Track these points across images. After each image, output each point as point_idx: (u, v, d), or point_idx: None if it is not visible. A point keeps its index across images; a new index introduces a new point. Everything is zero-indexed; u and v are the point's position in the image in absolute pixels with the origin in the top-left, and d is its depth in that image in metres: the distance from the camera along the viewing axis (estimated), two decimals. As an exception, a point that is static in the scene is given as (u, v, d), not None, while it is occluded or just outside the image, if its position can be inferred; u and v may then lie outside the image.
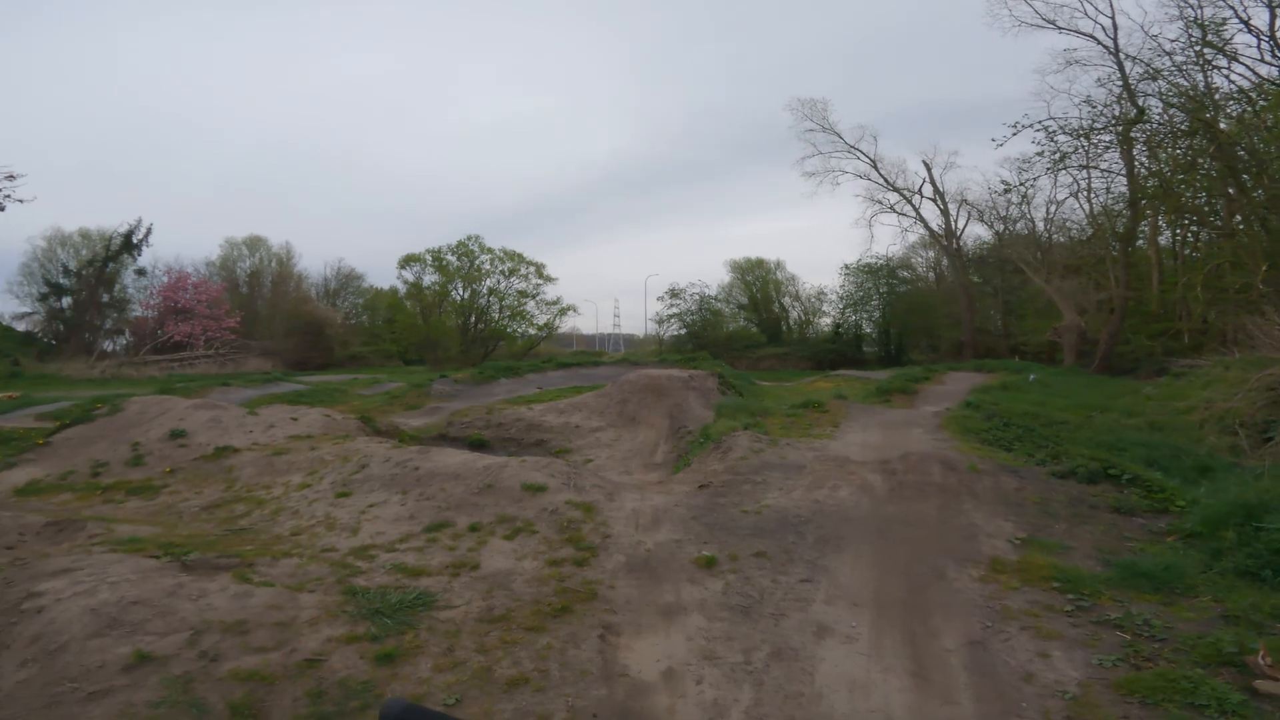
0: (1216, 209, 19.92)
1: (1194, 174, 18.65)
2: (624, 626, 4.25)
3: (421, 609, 4.31)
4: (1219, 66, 18.06)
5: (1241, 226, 18.87)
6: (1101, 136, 20.31)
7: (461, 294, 39.25)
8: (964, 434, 8.97)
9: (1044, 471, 6.96)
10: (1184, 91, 18.55)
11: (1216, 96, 18.18)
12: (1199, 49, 17.71)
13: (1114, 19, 21.44)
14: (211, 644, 3.71)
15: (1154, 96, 19.44)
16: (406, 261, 39.21)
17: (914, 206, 35.21)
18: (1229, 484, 6.16)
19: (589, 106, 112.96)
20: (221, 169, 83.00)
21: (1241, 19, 17.16)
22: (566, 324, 43.92)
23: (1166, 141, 19.67)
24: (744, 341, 38.48)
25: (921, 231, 36.65)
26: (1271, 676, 3.39)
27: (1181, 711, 3.18)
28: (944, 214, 34.78)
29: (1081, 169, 23.92)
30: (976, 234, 37.11)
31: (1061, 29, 22.58)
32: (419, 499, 6.44)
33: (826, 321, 40.92)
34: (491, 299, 39.84)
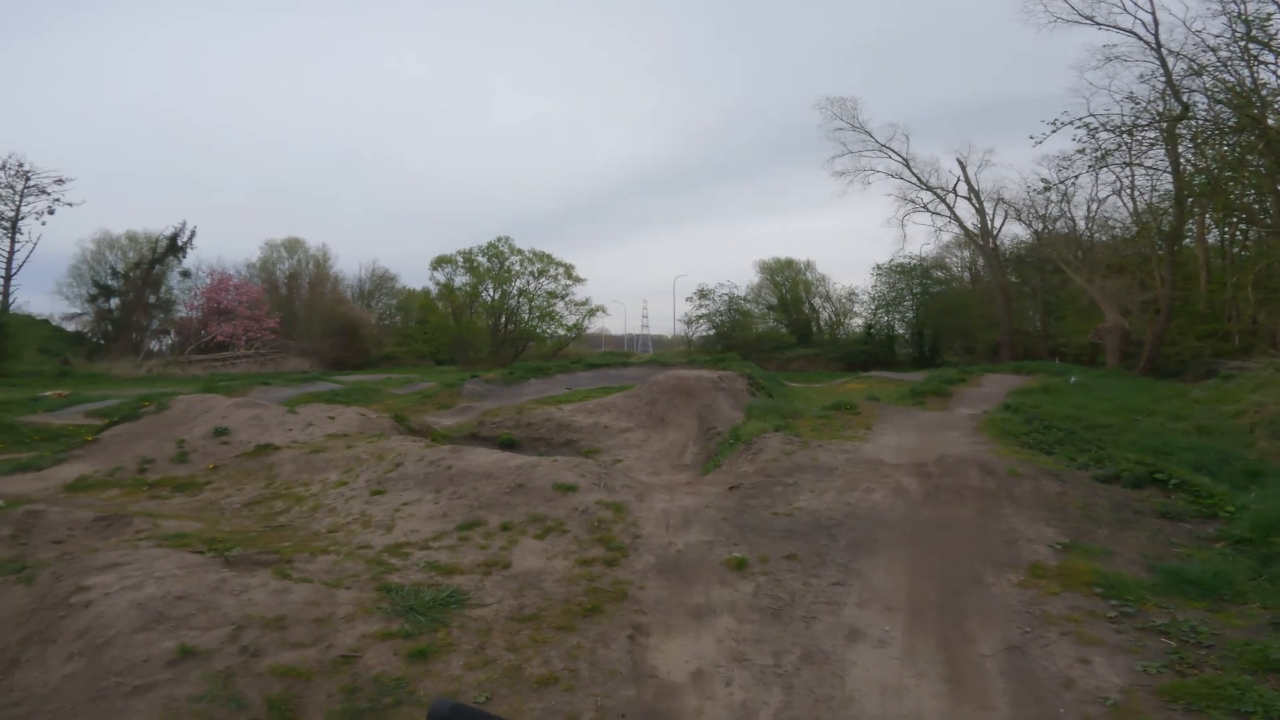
0: (1267, 206, 19.18)
1: (1243, 171, 18.02)
2: (653, 627, 4.25)
3: (454, 607, 4.36)
4: (1265, 62, 17.47)
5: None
6: (1146, 133, 19.73)
7: (492, 295, 39.75)
8: (1002, 437, 8.77)
9: (1087, 476, 6.76)
10: (1230, 87, 17.95)
11: (1264, 92, 17.55)
12: (1244, 44, 17.12)
13: (1154, 14, 20.85)
14: (252, 639, 3.79)
15: (1199, 92, 18.87)
16: (438, 263, 39.88)
17: (948, 205, 34.61)
18: (1280, 490, 5.94)
19: (618, 108, 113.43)
20: (261, 171, 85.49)
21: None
22: (595, 325, 44.24)
23: (1213, 138, 19.04)
24: (773, 342, 38.20)
25: (956, 231, 36.06)
26: None
27: (1227, 718, 3.11)
28: (979, 213, 34.10)
29: (1125, 166, 23.29)
30: (1014, 233, 36.26)
31: (1100, 25, 22.00)
32: (452, 497, 6.53)
33: (858, 322, 40.48)
34: (521, 300, 40.26)
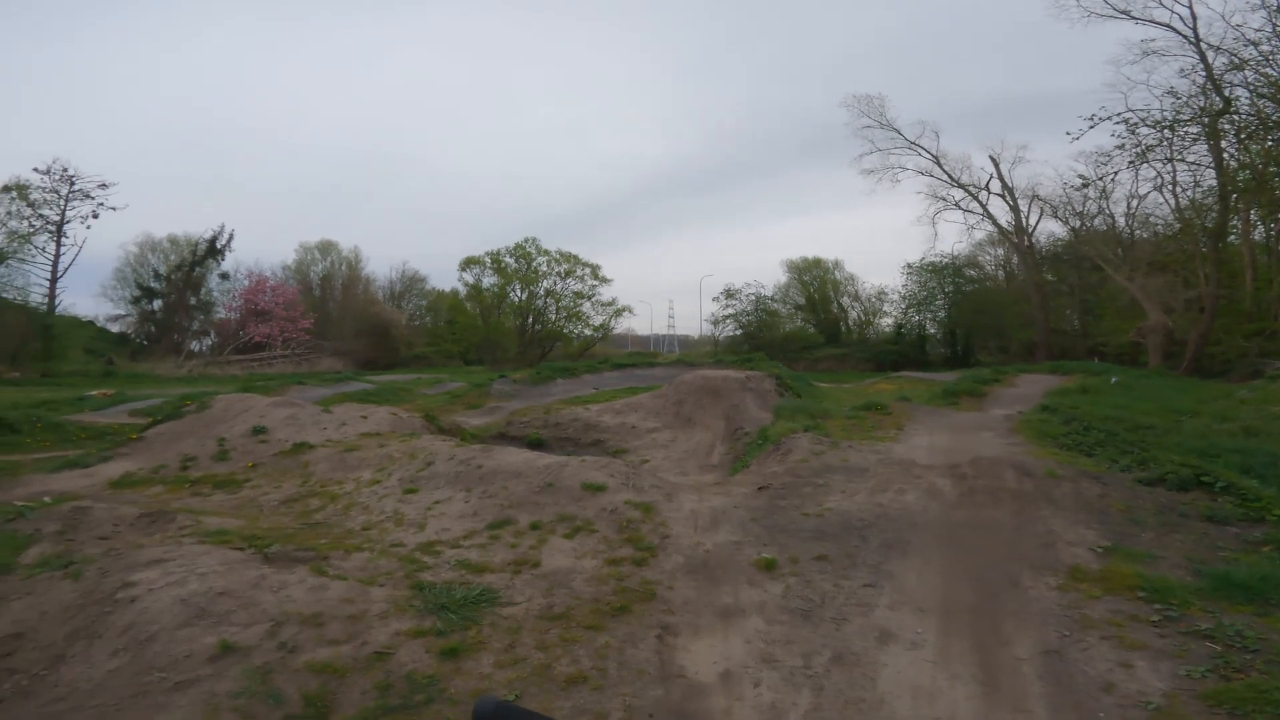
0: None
1: (1288, 167, 17.37)
2: (682, 627, 4.25)
3: (485, 605, 4.41)
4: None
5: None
6: (1188, 129, 19.11)
7: (519, 295, 40.09)
8: (1040, 438, 8.56)
9: (1129, 478, 6.58)
10: (1273, 81, 17.32)
11: None
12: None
13: (1192, 8, 20.23)
14: (290, 635, 3.86)
15: (1241, 87, 18.25)
16: (467, 264, 40.35)
17: (980, 203, 33.94)
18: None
19: (645, 108, 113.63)
20: (295, 174, 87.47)
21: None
22: (621, 325, 44.38)
23: (1257, 133, 18.37)
24: (801, 342, 37.89)
25: (989, 229, 35.35)
26: None
27: (1271, 723, 3.04)
28: (1014, 210, 33.36)
29: (1166, 162, 22.60)
30: (1050, 230, 35.35)
31: (1136, 19, 21.39)
32: (482, 496, 6.60)
33: (888, 322, 39.96)
34: (548, 300, 40.53)
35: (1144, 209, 30.52)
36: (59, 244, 33.15)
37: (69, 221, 33.27)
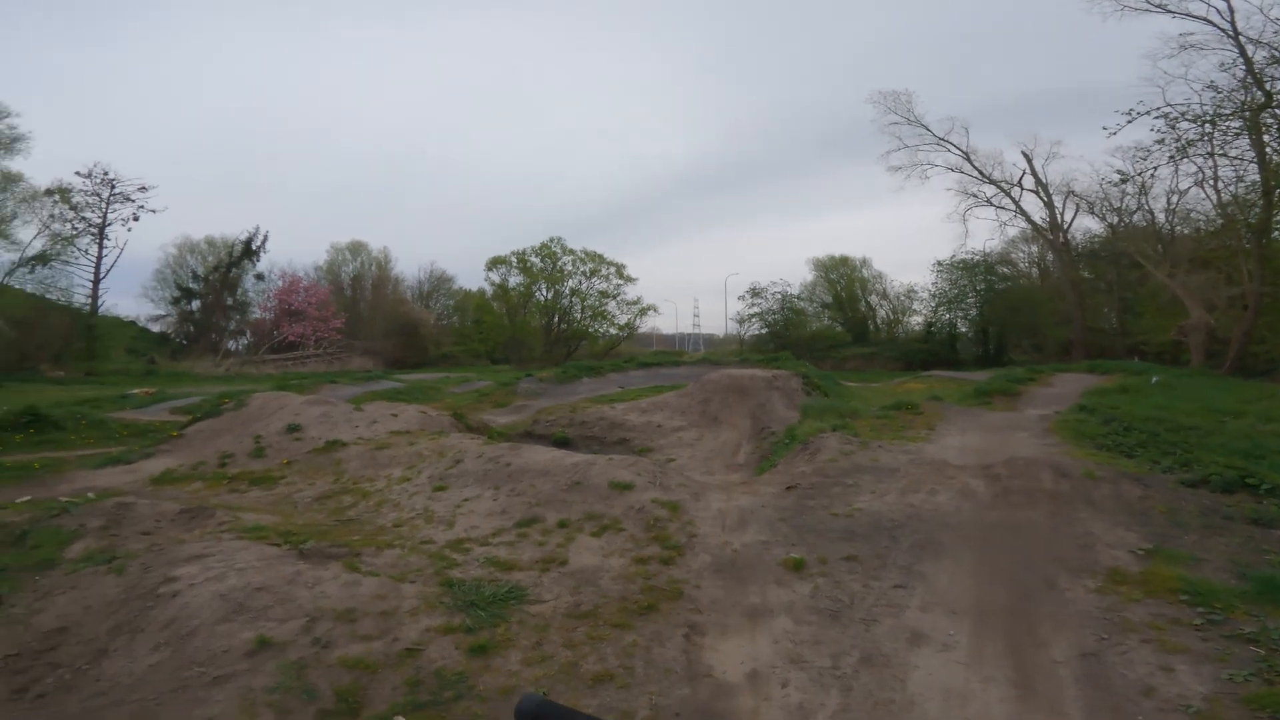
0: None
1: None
2: (709, 627, 4.24)
3: (513, 603, 4.44)
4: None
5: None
6: (1229, 123, 18.50)
7: (545, 295, 40.33)
8: (1077, 439, 8.35)
9: (1171, 480, 6.40)
10: (1317, 75, 16.69)
11: None
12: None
13: (1229, 1, 19.57)
14: (324, 631, 3.92)
15: (1283, 80, 17.59)
16: (493, 264, 40.70)
17: (1013, 199, 33.22)
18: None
19: (670, 107, 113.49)
20: (325, 176, 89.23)
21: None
22: (646, 324, 44.37)
23: (1302, 127, 17.71)
24: (828, 341, 37.49)
25: (1023, 225, 34.55)
26: None
27: (1316, 726, 2.96)
28: (1048, 206, 32.61)
29: (1207, 157, 21.90)
30: (1086, 227, 34.42)
31: (1173, 13, 20.79)
32: (510, 494, 6.65)
33: (917, 320, 39.27)
34: (573, 299, 40.72)
35: (1185, 204, 29.54)
36: (101, 246, 34.28)
37: (110, 224, 34.41)
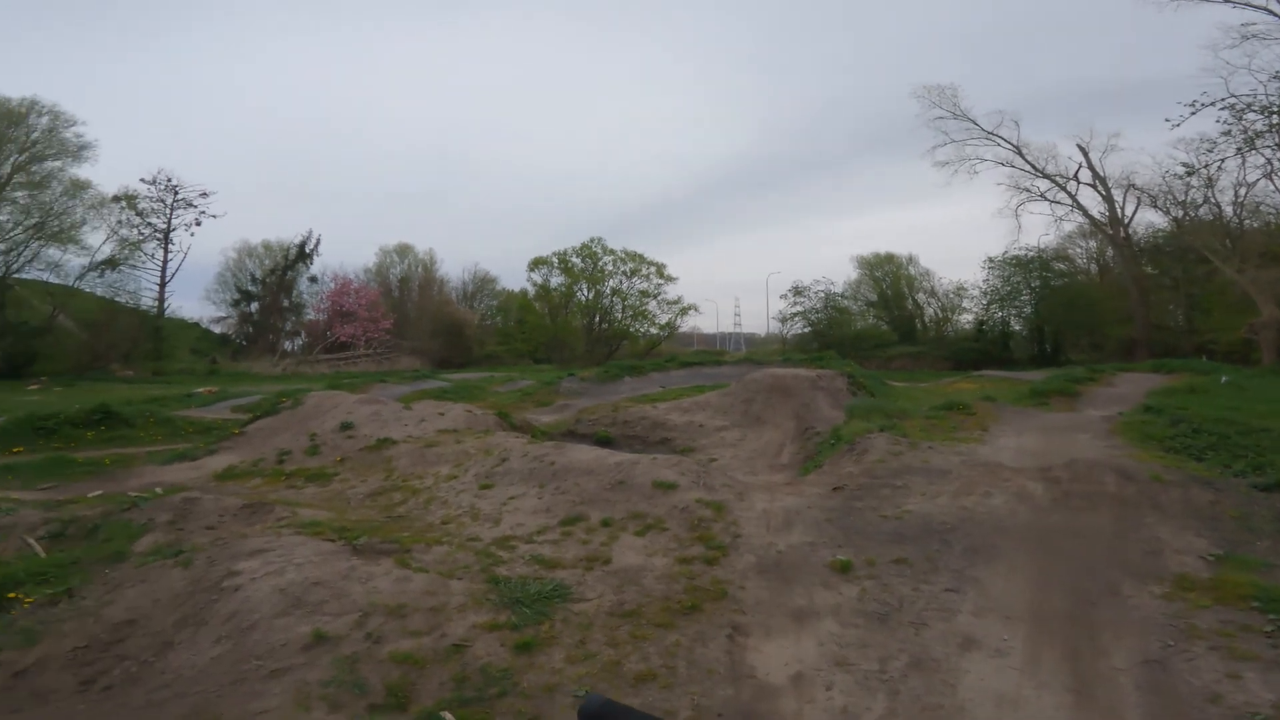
0: None
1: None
2: (753, 628, 4.20)
3: (558, 600, 4.48)
4: None
5: None
6: (1302, 113, 17.50)
7: (586, 295, 40.69)
8: (1143, 441, 7.97)
9: (1244, 484, 6.06)
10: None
11: None
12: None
13: None
14: (376, 626, 4.01)
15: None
16: (535, 264, 41.30)
17: (1069, 194, 32.06)
18: None
19: (710, 105, 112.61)
20: (373, 180, 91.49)
21: None
22: (687, 323, 44.41)
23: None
24: (873, 340, 36.76)
25: (1080, 220, 33.27)
26: None
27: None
28: (1107, 200, 31.32)
29: (1275, 149, 20.69)
30: (1148, 221, 32.86)
31: (1232, 2, 19.76)
32: (555, 493, 6.71)
33: (967, 319, 38.11)
34: (614, 299, 40.97)
35: (1253, 197, 27.94)
36: (166, 250, 36.05)
37: (174, 229, 36.14)
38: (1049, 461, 6.77)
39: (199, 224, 36.49)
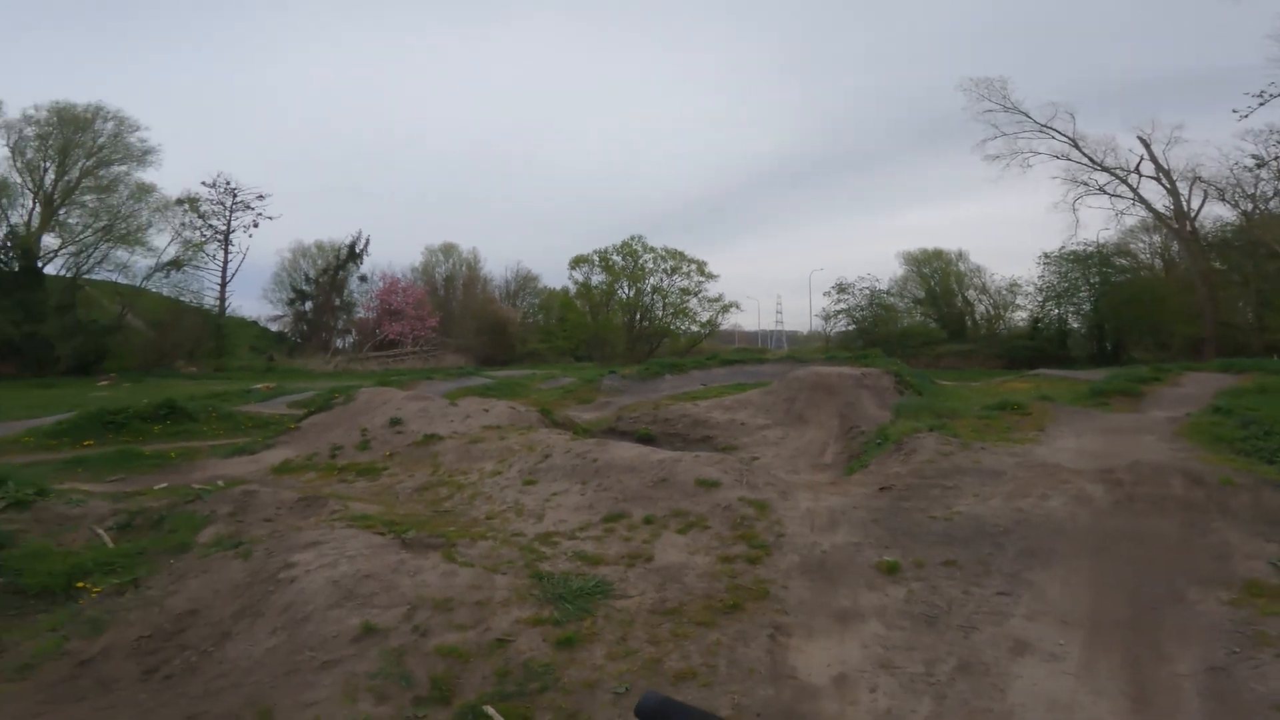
0: None
1: None
2: (795, 628, 4.15)
3: (599, 597, 4.49)
4: None
5: None
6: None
7: (627, 292, 40.75)
8: (1212, 443, 7.58)
9: (1322, 489, 5.69)
10: None
11: None
12: None
13: None
14: (423, 619, 4.08)
15: None
16: (576, 262, 41.53)
17: (1130, 187, 30.70)
18: None
19: (750, 102, 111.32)
20: (419, 180, 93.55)
21: None
22: (728, 321, 44.08)
23: None
24: (921, 338, 35.80)
25: (1142, 214, 31.78)
26: None
27: None
28: (1171, 193, 29.85)
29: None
30: (1216, 214, 31.17)
31: None
32: (597, 489, 6.75)
33: (1021, 316, 36.80)
34: (655, 297, 40.95)
35: (1328, 190, 26.28)
36: (226, 251, 37.63)
37: (234, 231, 37.66)
38: (1111, 464, 6.49)
39: (256, 225, 38.02)
